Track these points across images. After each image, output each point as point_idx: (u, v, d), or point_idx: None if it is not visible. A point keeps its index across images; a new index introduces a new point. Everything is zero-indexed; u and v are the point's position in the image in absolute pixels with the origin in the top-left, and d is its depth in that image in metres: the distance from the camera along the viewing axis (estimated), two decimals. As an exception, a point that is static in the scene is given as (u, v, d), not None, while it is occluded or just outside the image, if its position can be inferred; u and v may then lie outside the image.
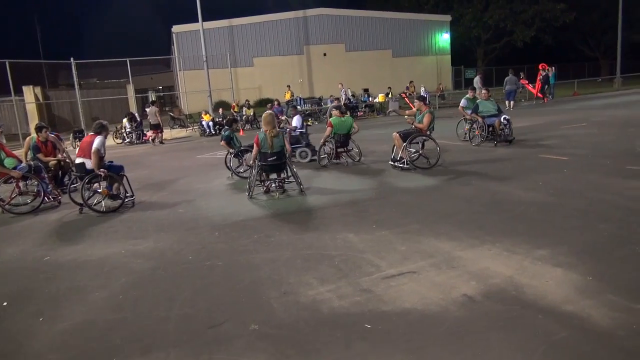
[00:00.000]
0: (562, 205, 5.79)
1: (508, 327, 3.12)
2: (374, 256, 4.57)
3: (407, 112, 10.10)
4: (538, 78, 23.16)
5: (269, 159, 7.43)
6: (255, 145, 7.47)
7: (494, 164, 8.69)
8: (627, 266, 3.90)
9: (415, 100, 9.80)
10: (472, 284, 3.79)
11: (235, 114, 19.99)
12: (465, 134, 11.47)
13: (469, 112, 11.41)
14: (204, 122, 20.00)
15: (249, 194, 7.57)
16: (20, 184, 7.97)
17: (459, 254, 4.44)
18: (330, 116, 10.74)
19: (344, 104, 22.10)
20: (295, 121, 11.16)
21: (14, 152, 8.42)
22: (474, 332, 3.10)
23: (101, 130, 7.46)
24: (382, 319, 3.35)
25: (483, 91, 11.81)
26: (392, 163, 9.04)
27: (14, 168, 7.87)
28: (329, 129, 9.60)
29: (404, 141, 8.79)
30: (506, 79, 21.61)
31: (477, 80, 23.67)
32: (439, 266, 4.21)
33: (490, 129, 10.79)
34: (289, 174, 7.71)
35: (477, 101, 11.32)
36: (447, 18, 36.91)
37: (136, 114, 20.51)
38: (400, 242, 4.92)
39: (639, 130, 11.43)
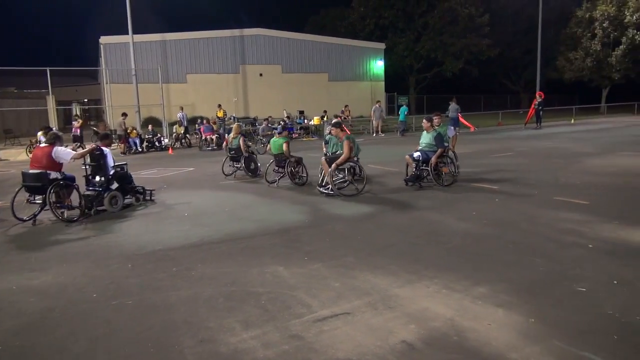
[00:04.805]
0: (497, 237, 5.69)
1: (452, 381, 2.81)
2: (306, 294, 4.16)
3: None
4: (533, 104, 23.86)
5: (230, 152, 11.19)
6: (225, 141, 12.30)
7: (426, 191, 8.60)
8: (568, 307, 3.74)
9: (332, 127, 9.21)
10: (411, 327, 3.46)
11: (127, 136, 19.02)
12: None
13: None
14: (130, 139, 18.91)
15: (224, 174, 11.13)
16: None
17: (396, 292, 4.13)
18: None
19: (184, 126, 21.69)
20: (109, 158, 8.02)
21: None
22: (415, 388, 2.75)
23: (55, 140, 7.42)
24: (313, 373, 2.93)
25: (423, 120, 9.33)
26: (319, 189, 8.71)
27: None
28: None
29: (329, 166, 8.53)
30: (450, 106, 21.74)
31: (403, 110, 23.83)
32: (375, 306, 3.86)
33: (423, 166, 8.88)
34: (241, 164, 11.06)
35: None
36: (382, 46, 37.81)
37: (54, 128, 19.05)
38: (334, 277, 4.55)
39: (559, 161, 11.92)
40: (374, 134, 23.58)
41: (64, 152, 7.37)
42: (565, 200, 7.47)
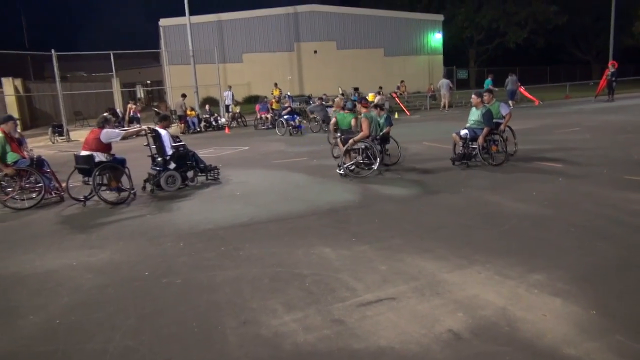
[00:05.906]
0: (558, 220, 5.34)
1: (499, 375, 2.65)
2: (351, 277, 4.08)
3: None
4: (605, 75, 22.26)
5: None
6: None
7: (480, 171, 8.22)
8: (635, 297, 3.44)
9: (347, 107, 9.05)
10: (459, 315, 3.31)
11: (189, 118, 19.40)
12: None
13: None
14: (188, 119, 19.43)
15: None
16: (27, 178, 7.53)
17: (445, 277, 3.96)
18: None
19: (228, 105, 22.04)
20: (166, 139, 8.07)
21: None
22: (460, 381, 2.62)
23: (104, 124, 7.58)
24: (353, 360, 2.86)
25: (472, 96, 9.01)
26: (337, 170, 8.44)
27: (15, 163, 7.38)
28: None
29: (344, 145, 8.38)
30: (508, 79, 21.54)
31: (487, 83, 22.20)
32: (422, 292, 3.72)
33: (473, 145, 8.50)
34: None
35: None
36: (440, 17, 36.38)
37: (118, 109, 19.95)
38: (380, 260, 4.43)
39: (633, 136, 11.06)
40: (444, 110, 22.62)
41: (113, 133, 7.51)
42: (638, 180, 6.89)
